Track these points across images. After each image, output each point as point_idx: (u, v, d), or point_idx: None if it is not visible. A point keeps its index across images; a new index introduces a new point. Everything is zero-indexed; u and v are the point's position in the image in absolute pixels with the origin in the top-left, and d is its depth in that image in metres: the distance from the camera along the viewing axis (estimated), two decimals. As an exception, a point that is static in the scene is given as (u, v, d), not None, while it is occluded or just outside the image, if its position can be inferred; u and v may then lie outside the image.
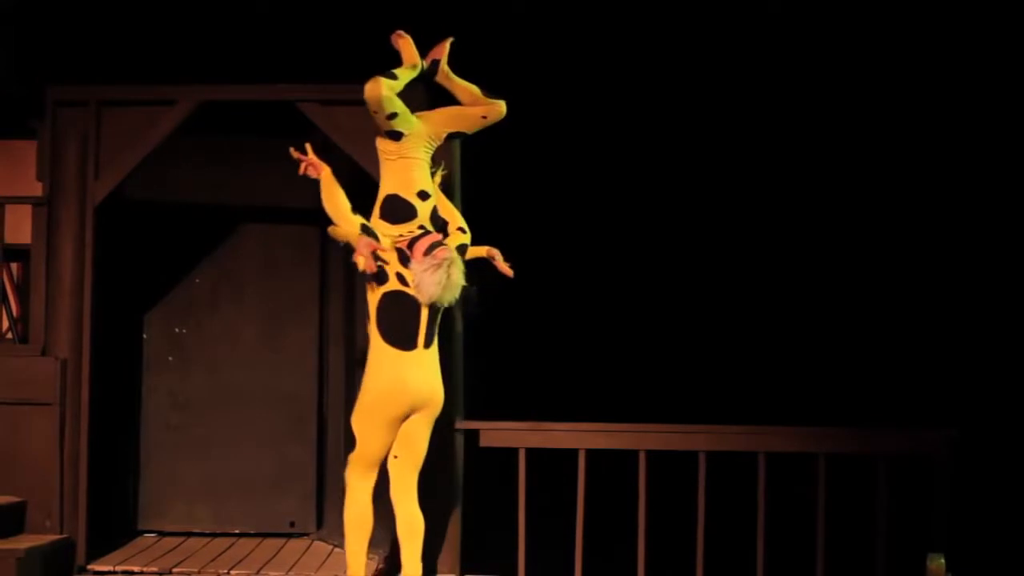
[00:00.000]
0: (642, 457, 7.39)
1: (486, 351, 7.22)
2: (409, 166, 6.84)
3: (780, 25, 8.27)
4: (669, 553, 7.49)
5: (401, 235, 6.73)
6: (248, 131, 8.96)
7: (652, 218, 8.67)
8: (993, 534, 8.00)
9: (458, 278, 6.56)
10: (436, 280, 6.51)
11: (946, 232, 8.56)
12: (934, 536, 7.14)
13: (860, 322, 8.60)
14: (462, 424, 7.58)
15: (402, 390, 6.63)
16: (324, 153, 8.60)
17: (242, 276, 9.32)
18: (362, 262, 6.55)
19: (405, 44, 7.03)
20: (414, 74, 7.00)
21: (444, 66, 7.08)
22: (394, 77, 6.85)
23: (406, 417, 6.68)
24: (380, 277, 6.66)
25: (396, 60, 7.09)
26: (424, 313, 6.62)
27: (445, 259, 6.53)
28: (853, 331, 8.59)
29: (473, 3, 7.10)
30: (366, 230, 6.65)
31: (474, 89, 7.05)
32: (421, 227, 6.76)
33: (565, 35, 8.19)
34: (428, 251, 6.59)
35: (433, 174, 6.98)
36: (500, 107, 6.98)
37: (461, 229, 6.97)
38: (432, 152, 6.94)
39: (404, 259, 6.65)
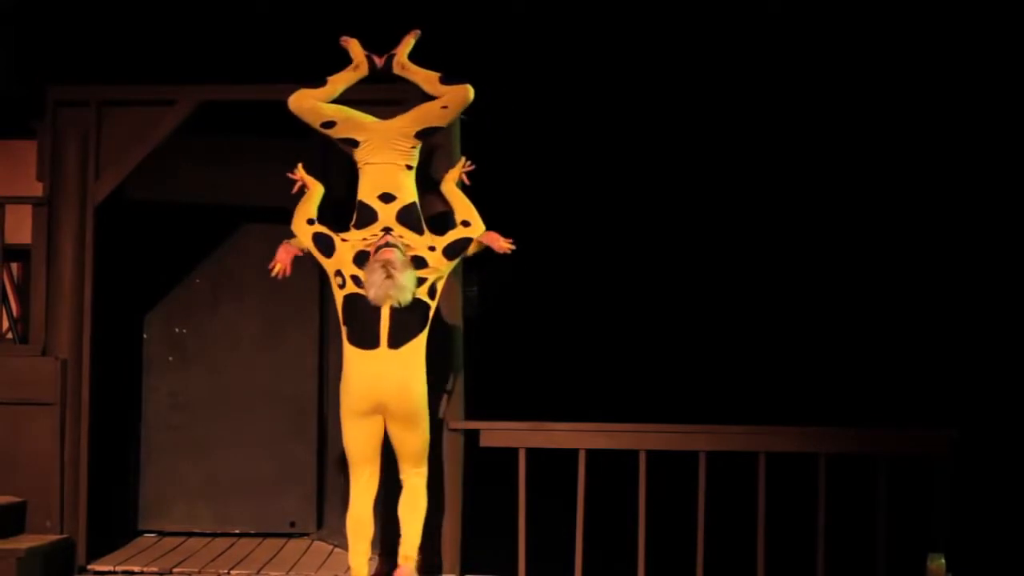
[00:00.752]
0: (642, 457, 7.39)
1: (487, 351, 7.23)
2: (372, 171, 6.91)
3: (780, 25, 8.27)
4: (669, 553, 7.49)
5: (365, 239, 6.77)
6: (248, 131, 8.96)
7: (652, 219, 8.67)
8: (993, 534, 8.00)
9: (402, 279, 6.52)
10: (374, 281, 6.54)
11: (945, 232, 8.56)
12: (934, 536, 7.14)
13: (860, 322, 8.60)
14: (462, 424, 7.58)
15: (362, 387, 6.66)
16: (327, 153, 8.63)
17: (242, 276, 9.31)
18: (277, 268, 6.94)
19: (351, 46, 7.14)
20: (357, 75, 7.08)
21: (400, 58, 7.08)
22: (324, 84, 6.99)
23: (378, 415, 6.68)
24: (341, 281, 6.72)
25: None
26: (385, 314, 6.62)
27: (384, 260, 6.54)
28: (853, 331, 8.59)
29: (474, 2, 7.10)
30: (317, 238, 6.81)
31: (432, 76, 7.02)
32: (385, 229, 6.77)
33: (566, 34, 8.19)
34: (375, 253, 6.65)
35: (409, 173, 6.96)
36: (459, 92, 6.91)
37: (464, 223, 6.94)
38: (410, 153, 6.90)
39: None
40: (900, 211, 8.61)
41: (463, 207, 6.99)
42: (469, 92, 6.89)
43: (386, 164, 6.88)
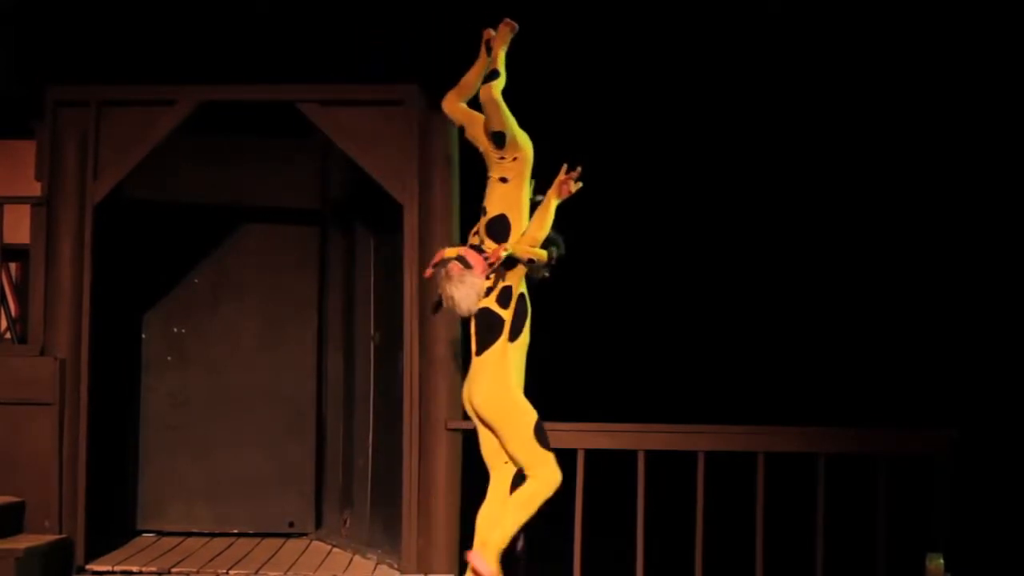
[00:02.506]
0: (641, 457, 7.39)
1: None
2: (488, 183, 6.92)
3: (780, 25, 8.27)
4: (669, 553, 7.48)
5: None
6: (248, 131, 8.96)
7: (653, 219, 8.67)
8: (993, 534, 7.99)
9: (451, 290, 6.67)
10: (439, 290, 6.76)
11: (945, 232, 8.56)
12: (934, 536, 7.14)
13: (860, 322, 8.60)
14: (462, 424, 7.57)
15: (464, 392, 6.83)
16: (327, 153, 8.59)
17: (242, 276, 9.32)
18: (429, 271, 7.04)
19: (485, 34, 6.95)
20: (482, 64, 6.93)
21: (492, 43, 6.89)
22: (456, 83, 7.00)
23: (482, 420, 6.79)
24: None
25: (393, 62, 7.09)
26: (472, 323, 6.76)
27: (444, 271, 6.71)
28: (853, 331, 8.59)
29: (476, 2, 7.08)
30: (474, 246, 6.89)
31: (481, 65, 6.92)
32: (481, 240, 6.85)
33: (569, 34, 8.19)
34: None
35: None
36: (482, 92, 6.78)
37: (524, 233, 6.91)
38: (500, 164, 6.80)
39: None
40: (900, 211, 8.60)
41: (535, 218, 6.86)
42: (489, 90, 6.73)
43: (489, 177, 6.89)
